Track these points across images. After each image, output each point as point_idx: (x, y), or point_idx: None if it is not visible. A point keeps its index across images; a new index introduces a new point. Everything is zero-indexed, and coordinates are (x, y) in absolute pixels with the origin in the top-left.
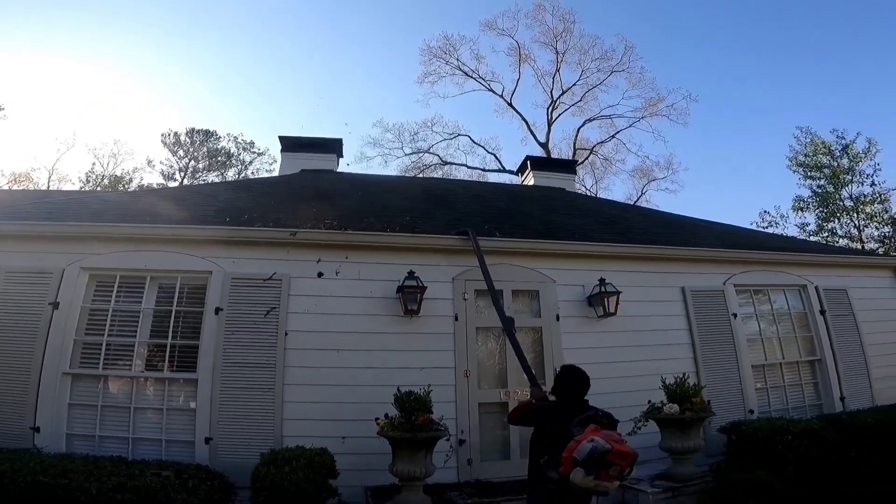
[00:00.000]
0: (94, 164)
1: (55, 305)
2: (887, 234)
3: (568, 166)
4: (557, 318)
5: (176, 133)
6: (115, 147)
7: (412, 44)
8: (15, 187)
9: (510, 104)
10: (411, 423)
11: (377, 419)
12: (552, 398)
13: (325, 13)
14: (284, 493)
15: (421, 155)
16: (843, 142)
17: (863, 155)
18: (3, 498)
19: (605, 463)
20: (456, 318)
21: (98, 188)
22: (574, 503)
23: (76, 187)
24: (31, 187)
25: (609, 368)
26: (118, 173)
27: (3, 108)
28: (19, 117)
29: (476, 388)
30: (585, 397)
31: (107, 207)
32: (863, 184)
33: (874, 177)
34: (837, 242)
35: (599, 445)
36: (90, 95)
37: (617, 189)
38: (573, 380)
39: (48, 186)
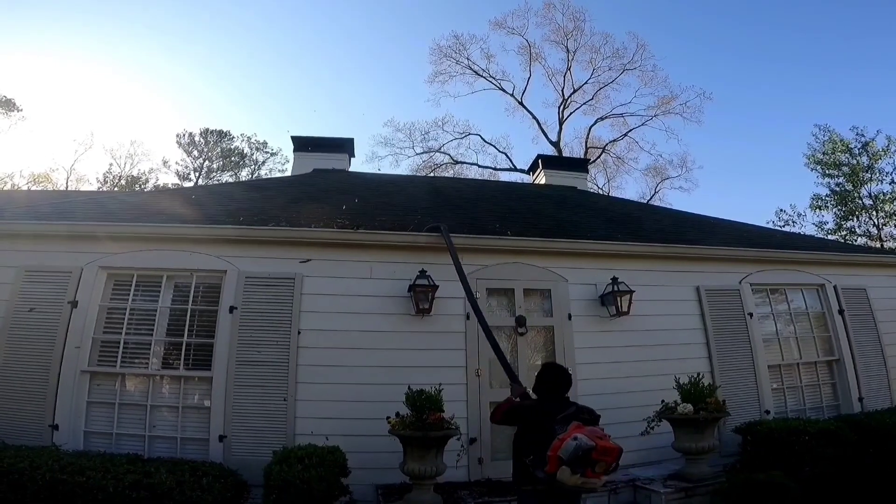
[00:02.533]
0: (111, 164)
1: (74, 304)
2: None
3: (580, 165)
4: (569, 318)
5: (190, 133)
6: (131, 148)
7: (422, 43)
8: (34, 188)
9: (521, 103)
10: (422, 421)
11: (388, 418)
12: (534, 396)
13: (334, 13)
14: (296, 491)
15: (432, 154)
16: (863, 139)
17: (882, 153)
18: (23, 495)
19: (590, 460)
20: (467, 317)
21: (115, 188)
22: (564, 501)
23: (94, 188)
24: (50, 188)
25: (622, 368)
26: (135, 174)
27: (22, 110)
28: (38, 119)
29: (487, 387)
30: (567, 395)
31: (124, 207)
32: (882, 182)
33: (894, 175)
34: (856, 241)
35: (583, 443)
36: (107, 97)
37: (630, 188)
38: (553, 377)
39: (67, 187)
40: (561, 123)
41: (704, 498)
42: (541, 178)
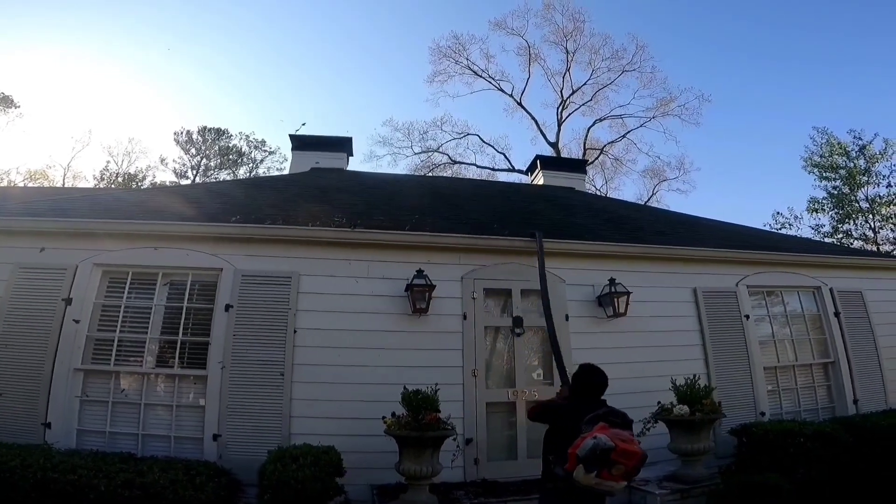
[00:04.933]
0: (108, 162)
1: (68, 301)
2: None
3: (578, 166)
4: (567, 318)
5: (188, 131)
6: (129, 145)
7: (422, 43)
8: (31, 185)
9: (520, 104)
10: (418, 421)
11: (384, 417)
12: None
13: (334, 13)
14: (291, 491)
15: (430, 154)
16: (860, 142)
17: (880, 156)
18: (14, 494)
19: (608, 461)
20: (464, 317)
21: (112, 186)
22: (584, 502)
23: (91, 185)
24: (47, 185)
25: (618, 369)
26: (132, 171)
27: (20, 107)
28: (35, 116)
29: (483, 388)
30: (603, 397)
31: (120, 205)
32: (879, 185)
33: (890, 178)
34: (852, 244)
35: (601, 443)
36: (105, 95)
37: (627, 189)
38: (588, 378)
39: (63, 184)
40: (559, 124)
41: (700, 499)
42: (539, 179)
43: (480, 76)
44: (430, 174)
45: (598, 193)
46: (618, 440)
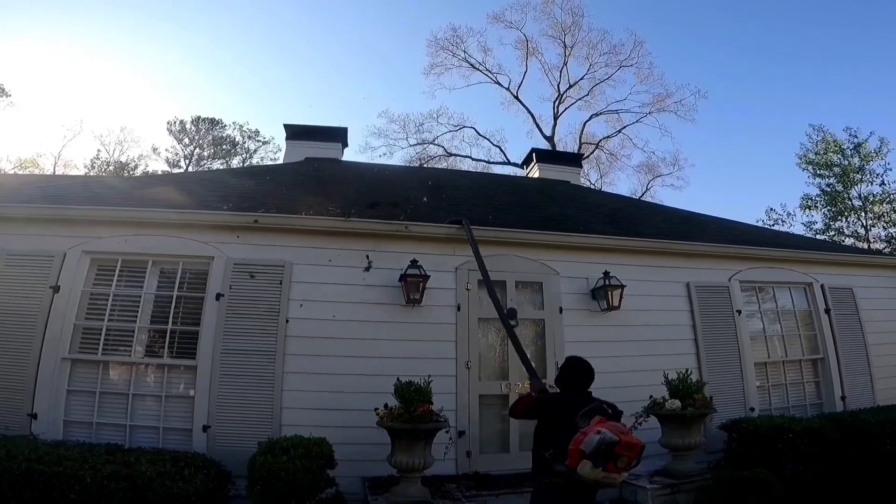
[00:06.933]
0: (99, 150)
1: (56, 289)
2: (895, 234)
3: (573, 159)
4: (560, 311)
5: (181, 121)
6: (121, 134)
7: (419, 35)
8: (21, 173)
9: (516, 97)
10: (411, 413)
11: (377, 409)
12: (553, 390)
13: (330, 3)
14: (281, 483)
15: (426, 146)
16: (856, 140)
17: (874, 154)
18: None
19: (613, 455)
20: (458, 309)
21: (103, 174)
22: (580, 496)
23: (81, 173)
24: (37, 173)
25: (611, 362)
26: (123, 160)
27: (11, 95)
28: (27, 104)
29: (477, 380)
30: (589, 389)
31: (110, 192)
32: (872, 183)
33: (884, 176)
34: (844, 241)
35: (607, 437)
36: (98, 83)
37: (622, 184)
38: (577, 371)
39: (54, 172)
40: (556, 118)
41: (690, 494)
42: (534, 172)
43: (477, 69)
44: (426, 166)
45: (593, 188)
46: (619, 433)
